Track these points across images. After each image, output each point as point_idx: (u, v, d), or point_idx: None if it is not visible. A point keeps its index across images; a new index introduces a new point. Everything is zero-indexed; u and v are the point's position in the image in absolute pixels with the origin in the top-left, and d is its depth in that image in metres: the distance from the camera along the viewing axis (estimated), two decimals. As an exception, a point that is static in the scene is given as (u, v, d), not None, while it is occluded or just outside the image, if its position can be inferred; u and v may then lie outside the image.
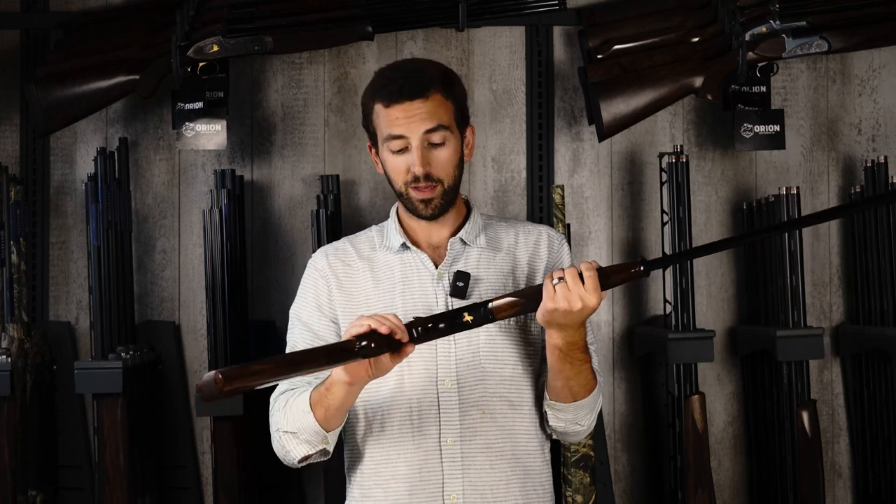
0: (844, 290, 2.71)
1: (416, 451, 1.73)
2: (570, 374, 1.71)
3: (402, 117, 1.74)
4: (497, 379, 1.75)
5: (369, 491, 1.76)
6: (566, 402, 1.74)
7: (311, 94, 2.69)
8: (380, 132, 1.78)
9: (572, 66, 2.68)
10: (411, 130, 1.73)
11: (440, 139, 1.75)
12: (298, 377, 1.68)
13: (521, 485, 1.76)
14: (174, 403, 2.61)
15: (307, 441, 1.70)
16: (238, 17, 2.44)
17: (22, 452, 2.44)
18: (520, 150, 2.69)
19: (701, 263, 2.67)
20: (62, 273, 2.66)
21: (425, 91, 1.74)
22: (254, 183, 2.67)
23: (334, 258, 1.84)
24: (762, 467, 2.61)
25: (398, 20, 2.54)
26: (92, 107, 2.45)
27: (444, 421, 1.73)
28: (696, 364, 2.48)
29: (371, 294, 1.79)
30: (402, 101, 1.74)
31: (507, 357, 1.76)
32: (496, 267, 1.81)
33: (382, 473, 1.75)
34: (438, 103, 1.75)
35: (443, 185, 1.76)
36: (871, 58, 2.72)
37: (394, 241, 1.82)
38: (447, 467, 1.72)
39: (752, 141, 2.52)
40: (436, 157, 1.75)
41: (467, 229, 1.83)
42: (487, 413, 1.74)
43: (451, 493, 1.71)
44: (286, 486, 2.56)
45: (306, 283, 1.85)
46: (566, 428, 1.79)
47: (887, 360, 2.50)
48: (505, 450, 1.75)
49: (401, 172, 1.76)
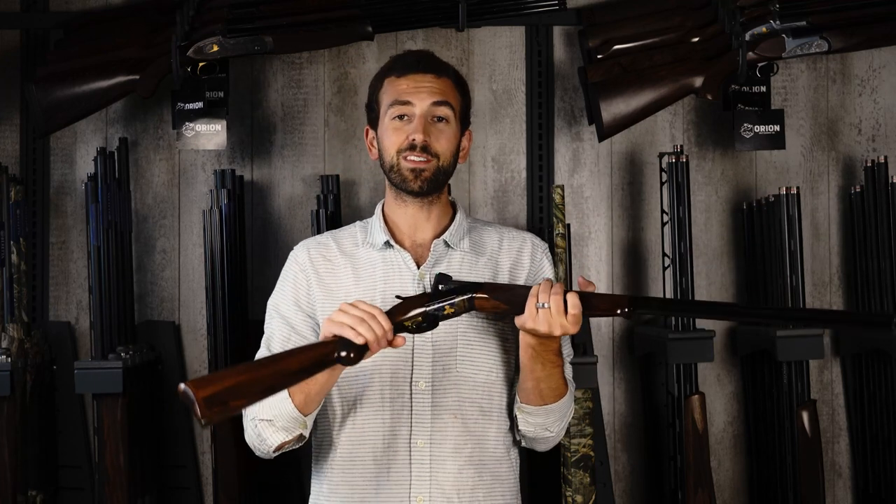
0: (844, 290, 2.71)
1: (386, 451, 1.72)
2: (541, 376, 1.71)
3: (412, 86, 1.74)
4: (471, 384, 1.75)
5: (336, 487, 1.76)
6: (536, 405, 1.75)
7: (311, 94, 2.69)
8: (385, 101, 1.77)
9: (572, 66, 2.68)
10: (419, 98, 1.74)
11: (444, 114, 1.75)
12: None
13: (488, 490, 1.76)
14: (174, 403, 2.61)
15: (284, 428, 1.68)
16: (238, 17, 2.44)
17: (22, 452, 2.44)
18: (520, 150, 2.69)
19: (701, 264, 2.67)
20: (62, 273, 2.66)
21: (440, 71, 1.76)
22: (254, 183, 2.67)
23: (315, 252, 1.83)
24: (762, 467, 2.61)
25: (398, 20, 2.54)
26: (92, 107, 2.45)
27: (415, 423, 1.73)
28: (696, 364, 2.48)
29: (351, 290, 1.78)
30: (416, 71, 1.75)
31: (482, 363, 1.76)
32: (477, 272, 1.81)
33: (351, 471, 1.74)
34: (449, 86, 1.77)
35: (438, 161, 1.75)
36: (871, 58, 2.72)
37: (377, 238, 1.81)
38: (415, 468, 1.72)
39: (752, 141, 2.52)
40: (437, 132, 1.75)
41: (452, 231, 1.82)
42: (458, 417, 1.74)
43: (417, 493, 1.72)
44: (286, 486, 2.56)
45: (286, 276, 1.84)
46: (535, 433, 1.79)
47: (887, 360, 2.50)
48: (473, 455, 1.75)
49: (397, 140, 1.75)
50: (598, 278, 2.69)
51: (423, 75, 1.75)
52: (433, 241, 1.81)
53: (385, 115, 1.77)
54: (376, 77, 1.82)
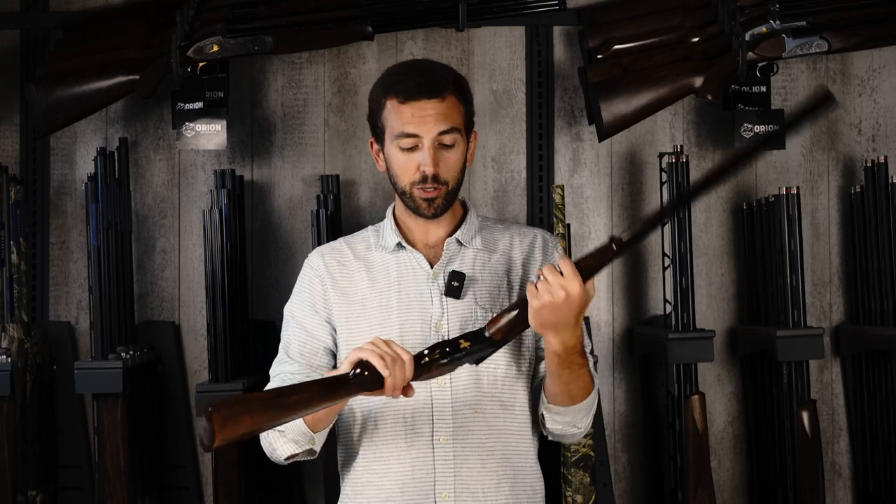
0: (844, 290, 2.71)
1: (409, 450, 1.73)
2: (569, 379, 1.71)
3: (417, 115, 1.73)
4: (490, 379, 1.75)
5: (362, 488, 1.77)
6: (564, 405, 1.75)
7: (311, 94, 2.69)
8: (390, 128, 1.76)
9: (572, 66, 2.68)
10: (425, 130, 1.73)
11: (451, 141, 1.75)
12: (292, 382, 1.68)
13: (512, 485, 1.76)
14: (174, 403, 2.61)
15: (294, 440, 1.71)
16: (238, 17, 2.44)
17: (22, 452, 2.45)
18: (520, 150, 2.69)
19: (701, 264, 2.67)
20: (62, 273, 2.66)
21: (442, 91, 1.74)
22: (254, 183, 2.67)
23: (330, 258, 1.85)
24: (762, 467, 2.61)
25: (398, 20, 2.54)
26: (92, 107, 2.45)
27: (437, 420, 1.73)
28: (696, 364, 2.48)
29: (367, 294, 1.80)
30: (418, 98, 1.73)
31: (499, 357, 1.75)
32: (491, 268, 1.82)
33: (375, 471, 1.75)
34: (452, 105, 1.76)
35: (447, 187, 1.76)
36: (871, 58, 2.72)
37: (389, 240, 1.83)
38: (439, 466, 1.72)
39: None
40: (445, 159, 1.75)
41: (464, 230, 1.83)
42: (480, 413, 1.74)
43: (442, 490, 1.72)
44: (286, 486, 2.56)
45: (302, 283, 1.86)
46: (563, 430, 1.80)
47: (887, 360, 2.50)
48: (496, 449, 1.75)
49: (408, 171, 1.76)
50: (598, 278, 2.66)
51: (426, 101, 1.73)
52: (446, 240, 1.82)
53: (392, 143, 1.76)
54: (377, 91, 1.80)
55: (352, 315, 1.80)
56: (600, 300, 2.68)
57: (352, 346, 1.72)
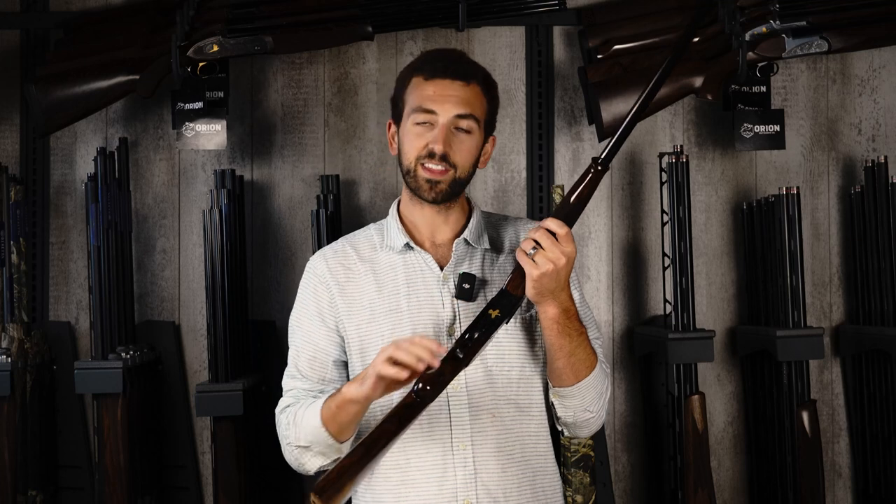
0: (844, 290, 2.71)
1: (427, 456, 1.71)
2: (571, 350, 1.68)
3: (438, 93, 1.71)
4: (504, 381, 1.73)
5: (380, 496, 1.74)
6: (570, 384, 1.72)
7: (311, 94, 2.69)
8: (410, 103, 1.74)
9: (572, 66, 2.68)
10: (443, 109, 1.71)
11: (467, 127, 1.72)
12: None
13: (532, 487, 1.74)
14: (174, 403, 2.61)
15: (321, 453, 1.69)
16: (238, 17, 2.44)
17: (22, 452, 2.45)
18: (520, 150, 2.69)
19: (701, 264, 2.67)
20: (62, 273, 2.66)
21: (468, 77, 1.73)
22: (254, 183, 2.67)
23: (334, 262, 1.80)
24: (762, 467, 2.61)
25: (398, 20, 2.54)
26: (92, 107, 2.45)
27: (454, 425, 1.71)
28: (696, 364, 2.48)
29: (374, 298, 1.76)
30: (444, 77, 1.72)
31: (513, 359, 1.74)
32: (500, 268, 1.80)
33: (393, 479, 1.72)
34: (476, 94, 1.74)
35: (455, 172, 1.72)
36: (871, 58, 2.72)
37: (396, 240, 1.78)
38: (459, 472, 1.70)
39: (752, 141, 2.52)
40: (458, 142, 1.72)
41: (471, 229, 1.80)
42: (497, 416, 1.72)
43: (464, 497, 1.70)
44: (286, 487, 2.56)
45: (306, 290, 1.80)
46: (575, 417, 1.76)
47: (887, 360, 2.50)
48: (515, 453, 1.73)
49: (417, 147, 1.72)
50: (598, 278, 2.69)
51: (450, 82, 1.71)
52: (454, 241, 1.78)
53: (408, 119, 1.74)
54: (405, 71, 1.78)
55: (361, 322, 1.75)
56: (600, 300, 2.68)
57: (365, 355, 1.72)
